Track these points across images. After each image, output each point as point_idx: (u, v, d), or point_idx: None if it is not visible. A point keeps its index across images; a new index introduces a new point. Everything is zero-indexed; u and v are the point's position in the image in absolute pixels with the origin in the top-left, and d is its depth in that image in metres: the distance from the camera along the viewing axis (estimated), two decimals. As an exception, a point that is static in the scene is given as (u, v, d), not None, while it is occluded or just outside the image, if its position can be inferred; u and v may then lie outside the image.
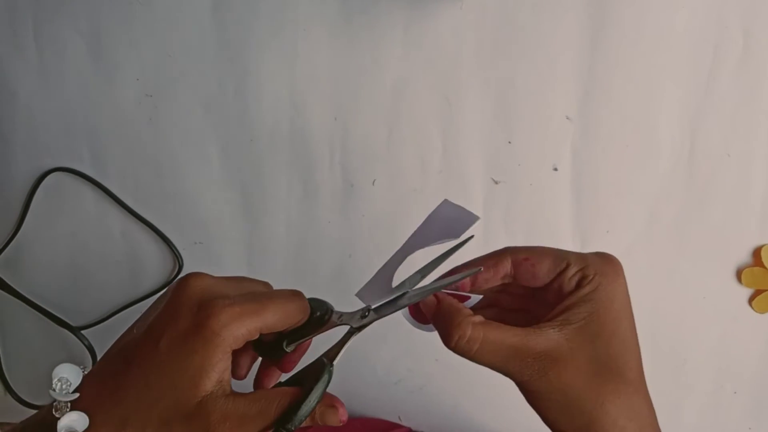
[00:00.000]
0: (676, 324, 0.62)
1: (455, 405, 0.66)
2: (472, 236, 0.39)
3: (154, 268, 0.65)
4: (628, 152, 0.59)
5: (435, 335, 0.38)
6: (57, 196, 0.64)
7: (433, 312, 0.38)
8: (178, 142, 0.62)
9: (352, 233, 0.63)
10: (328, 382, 0.36)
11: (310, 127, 0.61)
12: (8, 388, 0.68)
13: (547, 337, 0.35)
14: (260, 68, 0.60)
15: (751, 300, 0.61)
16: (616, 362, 0.35)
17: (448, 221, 0.39)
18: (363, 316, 0.38)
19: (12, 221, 0.65)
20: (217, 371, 0.34)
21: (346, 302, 0.40)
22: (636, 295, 0.61)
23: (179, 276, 0.65)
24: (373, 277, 0.39)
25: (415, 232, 0.39)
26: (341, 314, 0.39)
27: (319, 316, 0.38)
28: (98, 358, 0.65)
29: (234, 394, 0.35)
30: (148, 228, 0.64)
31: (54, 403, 0.34)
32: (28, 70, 0.61)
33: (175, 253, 0.64)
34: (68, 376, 0.35)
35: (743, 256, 0.61)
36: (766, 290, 0.60)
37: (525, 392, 0.36)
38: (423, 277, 0.39)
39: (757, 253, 0.60)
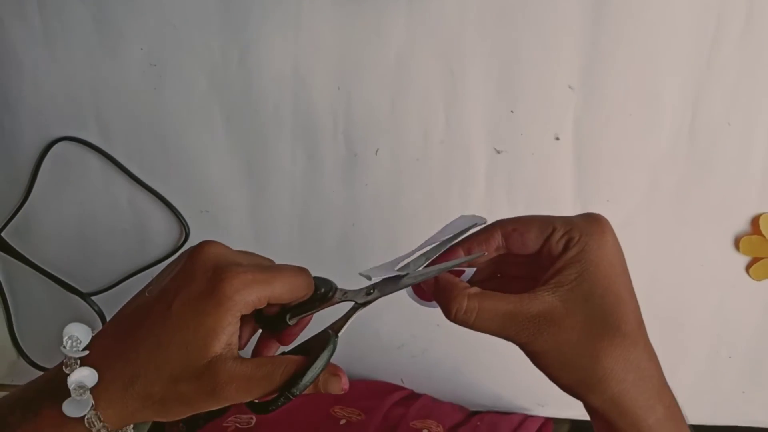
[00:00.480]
0: (675, 290, 0.63)
1: (456, 368, 0.68)
2: (481, 222, 0.40)
3: (160, 236, 0.66)
4: (630, 121, 0.60)
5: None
6: (64, 165, 0.64)
7: (433, 289, 0.40)
8: (182, 111, 0.63)
9: (356, 202, 0.63)
10: (333, 352, 0.37)
11: (313, 97, 0.61)
12: (21, 352, 0.70)
13: (541, 300, 0.36)
14: (264, 38, 0.60)
15: (748, 267, 0.62)
16: (610, 317, 0.36)
17: (460, 226, 0.41)
18: (368, 293, 0.40)
19: (20, 190, 0.65)
20: (226, 334, 0.35)
21: (349, 270, 0.41)
22: (635, 262, 0.60)
23: (186, 244, 0.66)
24: (382, 264, 0.40)
25: (429, 239, 0.41)
26: (345, 291, 0.40)
27: (324, 293, 0.40)
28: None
29: (242, 358, 0.36)
30: (154, 196, 0.65)
31: (64, 360, 0.35)
32: (34, 40, 0.61)
33: (181, 221, 0.65)
34: (78, 335, 0.36)
35: (742, 224, 0.61)
36: (763, 258, 0.61)
37: (526, 353, 0.38)
38: (427, 260, 0.40)
39: (755, 221, 0.61)
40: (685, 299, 0.64)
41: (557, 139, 0.61)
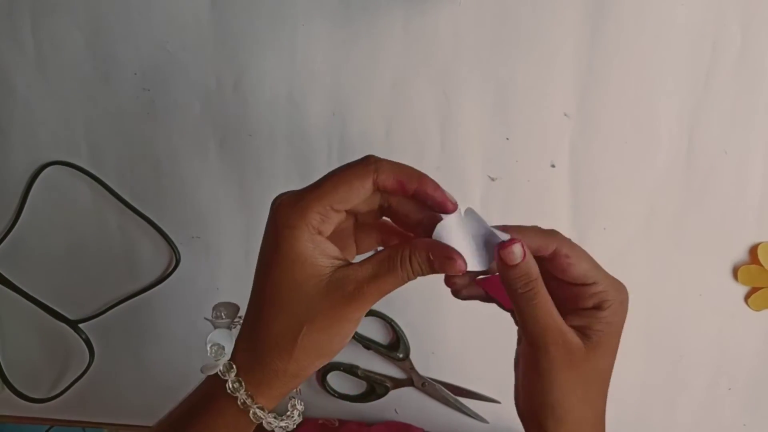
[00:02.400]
0: (673, 320, 0.63)
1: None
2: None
3: (151, 262, 0.66)
4: (626, 149, 0.60)
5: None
6: (54, 189, 0.64)
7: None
8: (176, 136, 0.63)
9: None
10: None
11: (308, 123, 0.61)
12: (6, 381, 0.69)
13: (574, 335, 0.39)
14: (259, 63, 0.60)
15: (747, 297, 0.62)
16: (602, 376, 0.41)
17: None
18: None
19: (9, 214, 0.65)
20: (318, 255, 0.37)
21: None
22: (633, 292, 0.60)
23: (176, 270, 0.65)
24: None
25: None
26: None
27: None
28: (96, 351, 0.67)
29: (357, 263, 0.38)
30: (145, 222, 0.64)
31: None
32: (27, 63, 0.62)
33: (172, 247, 0.65)
34: (220, 341, 0.41)
35: (740, 253, 0.61)
36: (762, 288, 0.61)
37: (530, 361, 0.40)
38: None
39: (753, 250, 0.61)
40: (684, 329, 0.63)
41: (553, 166, 0.61)
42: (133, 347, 0.68)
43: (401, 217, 0.40)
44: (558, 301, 0.39)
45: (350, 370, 0.66)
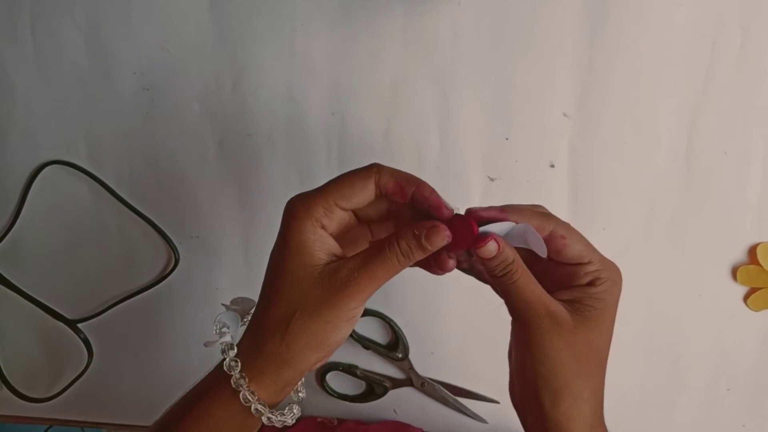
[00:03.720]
0: (672, 321, 0.63)
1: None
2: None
3: (150, 261, 0.66)
4: (626, 149, 0.60)
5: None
6: (53, 189, 0.65)
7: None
8: (175, 136, 0.63)
9: None
10: None
11: (307, 122, 0.62)
12: (4, 381, 0.69)
13: (558, 304, 0.40)
14: (258, 63, 0.61)
15: (746, 298, 0.62)
16: (597, 354, 0.41)
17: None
18: None
19: (8, 214, 0.65)
20: (317, 246, 0.39)
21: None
22: (632, 292, 0.60)
23: (175, 270, 0.65)
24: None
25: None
26: None
27: None
28: (94, 351, 0.68)
29: (350, 257, 0.40)
30: (144, 221, 0.65)
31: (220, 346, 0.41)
32: (26, 63, 0.62)
33: (171, 247, 0.65)
34: (226, 320, 0.43)
35: (739, 254, 0.61)
36: (761, 288, 0.61)
37: (522, 338, 0.41)
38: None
39: (752, 251, 0.61)
40: (683, 330, 0.63)
41: (552, 166, 0.61)
42: (131, 347, 0.68)
43: (404, 223, 0.42)
44: (552, 280, 0.41)
45: (349, 369, 0.66)
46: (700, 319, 0.63)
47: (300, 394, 0.45)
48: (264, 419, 0.40)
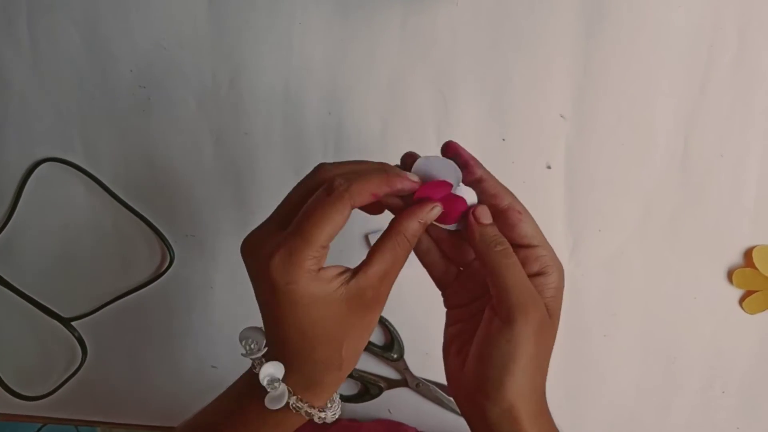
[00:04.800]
0: (667, 323, 0.63)
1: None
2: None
3: (145, 260, 0.66)
4: (623, 151, 0.60)
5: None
6: (48, 186, 0.65)
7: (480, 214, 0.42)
8: (171, 133, 0.63)
9: (346, 229, 0.62)
10: None
11: (304, 121, 0.62)
12: (-2, 378, 0.69)
13: (543, 304, 0.40)
14: (255, 61, 0.61)
15: (741, 301, 0.62)
16: (551, 347, 0.42)
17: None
18: None
19: (3, 211, 0.66)
20: (326, 287, 0.38)
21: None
22: (628, 294, 0.62)
23: (170, 269, 0.65)
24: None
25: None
26: None
27: None
28: (88, 350, 0.67)
29: (361, 269, 0.39)
30: (139, 220, 0.65)
31: (253, 363, 0.40)
32: (22, 60, 0.62)
33: (166, 246, 0.65)
34: (253, 336, 0.41)
35: (735, 256, 0.62)
36: (756, 291, 0.62)
37: (494, 330, 0.40)
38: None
39: (748, 254, 0.61)
40: (678, 332, 0.64)
41: (549, 167, 0.61)
42: (126, 346, 0.68)
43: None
44: None
45: None
46: (696, 322, 0.63)
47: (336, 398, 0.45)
48: (315, 418, 0.42)
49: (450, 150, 0.42)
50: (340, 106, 0.61)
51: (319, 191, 0.39)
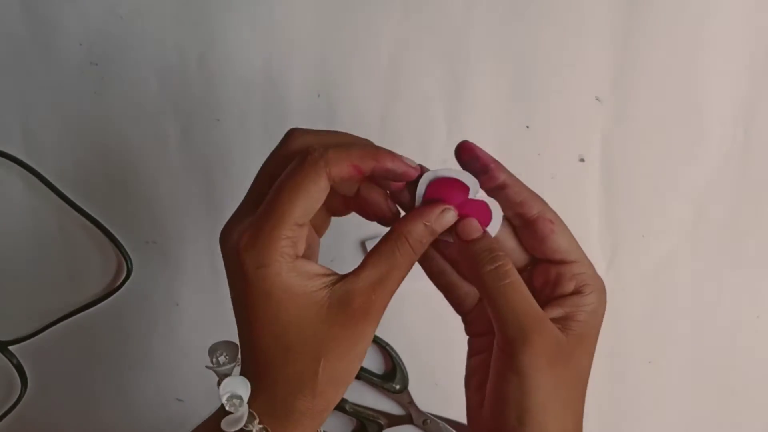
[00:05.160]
0: (724, 347, 0.63)
1: None
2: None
3: (97, 271, 0.64)
4: (670, 141, 0.59)
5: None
6: (-18, 183, 0.61)
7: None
8: (128, 120, 0.61)
9: (337, 234, 0.61)
10: None
11: (288, 105, 0.60)
12: None
13: (555, 327, 0.39)
14: (229, 33, 0.59)
15: (813, 320, 0.59)
16: (583, 379, 0.41)
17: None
18: None
19: (-73, 214, 0.62)
20: (305, 281, 0.37)
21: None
22: (676, 312, 0.62)
23: (128, 281, 0.63)
24: None
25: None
26: None
27: None
28: (28, 379, 0.65)
29: (352, 274, 0.39)
30: (90, 223, 0.62)
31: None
32: (-54, 29, 0.58)
33: (123, 254, 0.62)
34: (223, 350, 0.41)
35: (805, 267, 0.59)
36: (831, 309, 0.59)
37: (501, 362, 0.39)
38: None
39: (820, 264, 0.58)
40: (737, 359, 0.62)
41: (582, 160, 0.60)
42: (73, 374, 0.66)
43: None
44: (532, 291, 0.39)
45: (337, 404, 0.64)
46: (759, 346, 0.62)
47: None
48: None
49: (464, 152, 0.40)
50: (331, 88, 0.60)
51: (293, 162, 0.38)
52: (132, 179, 0.62)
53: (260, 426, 0.38)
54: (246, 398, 0.39)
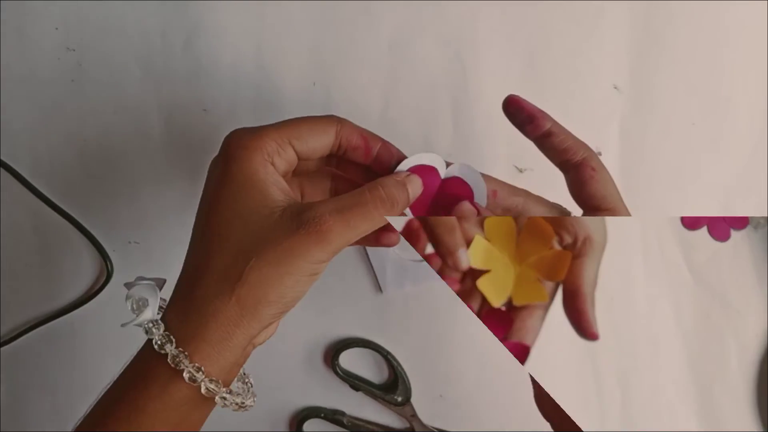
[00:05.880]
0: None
1: None
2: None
3: (75, 273, 0.62)
4: (694, 132, 0.57)
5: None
6: (-50, 180, 0.59)
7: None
8: (108, 110, 0.60)
9: None
10: None
11: (281, 94, 0.59)
12: None
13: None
14: (217, 17, 0.58)
15: None
16: None
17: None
18: None
19: None
20: (270, 184, 0.39)
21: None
22: None
23: (108, 284, 0.61)
24: None
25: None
26: None
27: None
28: (2, 388, 0.64)
29: (320, 201, 0.40)
30: (68, 223, 0.60)
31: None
32: None
33: (102, 256, 0.60)
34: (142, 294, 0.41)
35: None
36: None
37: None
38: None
39: None
40: None
41: (599, 153, 0.58)
42: (50, 383, 0.64)
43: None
44: None
45: (333, 417, 0.62)
46: None
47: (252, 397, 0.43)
48: (218, 399, 0.39)
49: (511, 104, 0.44)
50: (327, 75, 0.58)
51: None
52: (112, 175, 0.61)
53: (164, 332, 0.38)
54: (153, 302, 0.40)
